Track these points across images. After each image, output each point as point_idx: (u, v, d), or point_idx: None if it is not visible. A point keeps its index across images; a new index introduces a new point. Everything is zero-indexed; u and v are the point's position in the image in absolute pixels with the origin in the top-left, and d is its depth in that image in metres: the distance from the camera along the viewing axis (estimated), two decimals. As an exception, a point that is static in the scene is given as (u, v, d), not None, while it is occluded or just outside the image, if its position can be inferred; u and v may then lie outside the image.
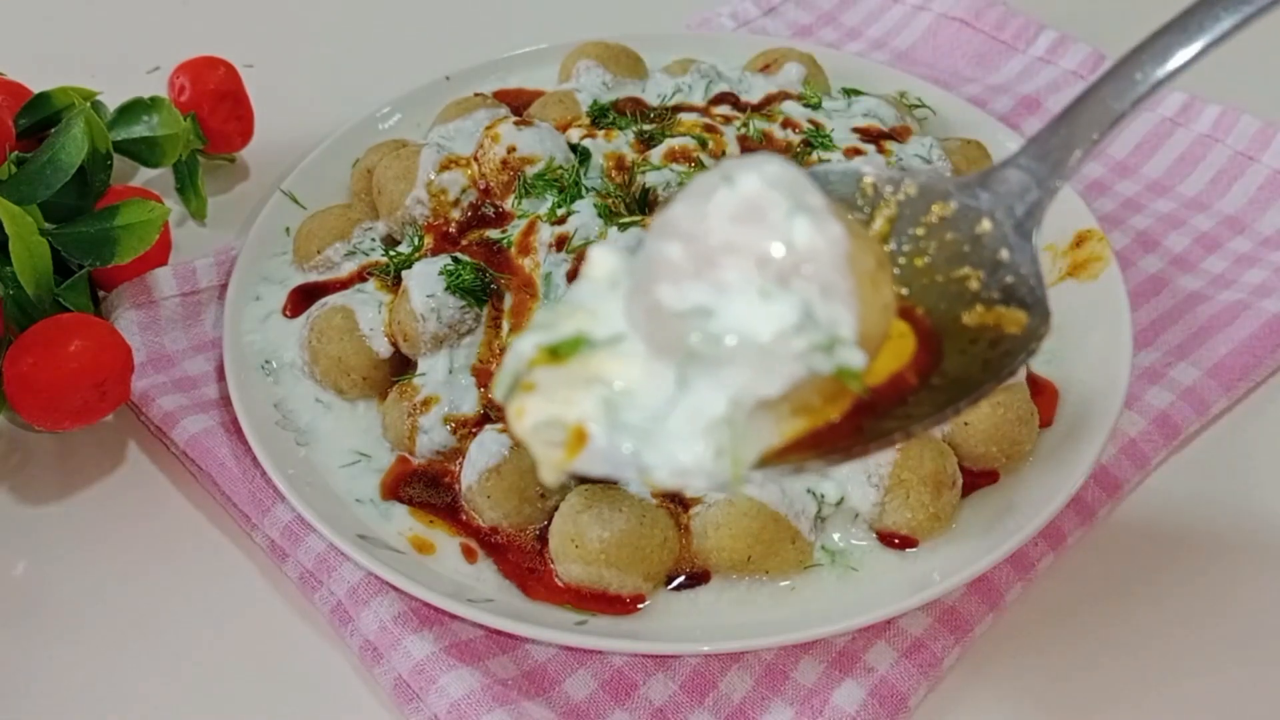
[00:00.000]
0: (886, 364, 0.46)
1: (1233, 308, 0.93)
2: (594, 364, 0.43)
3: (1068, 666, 0.76)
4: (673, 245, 0.42)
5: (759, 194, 0.42)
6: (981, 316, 0.48)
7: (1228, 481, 0.86)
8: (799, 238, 0.41)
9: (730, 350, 0.41)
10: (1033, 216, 0.51)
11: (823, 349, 0.41)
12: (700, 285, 0.42)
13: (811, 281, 0.41)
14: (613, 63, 1.07)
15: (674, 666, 0.75)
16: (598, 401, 0.43)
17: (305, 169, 1.03)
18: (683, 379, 0.42)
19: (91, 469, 0.89)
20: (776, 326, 0.41)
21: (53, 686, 0.76)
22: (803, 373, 0.41)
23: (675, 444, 0.42)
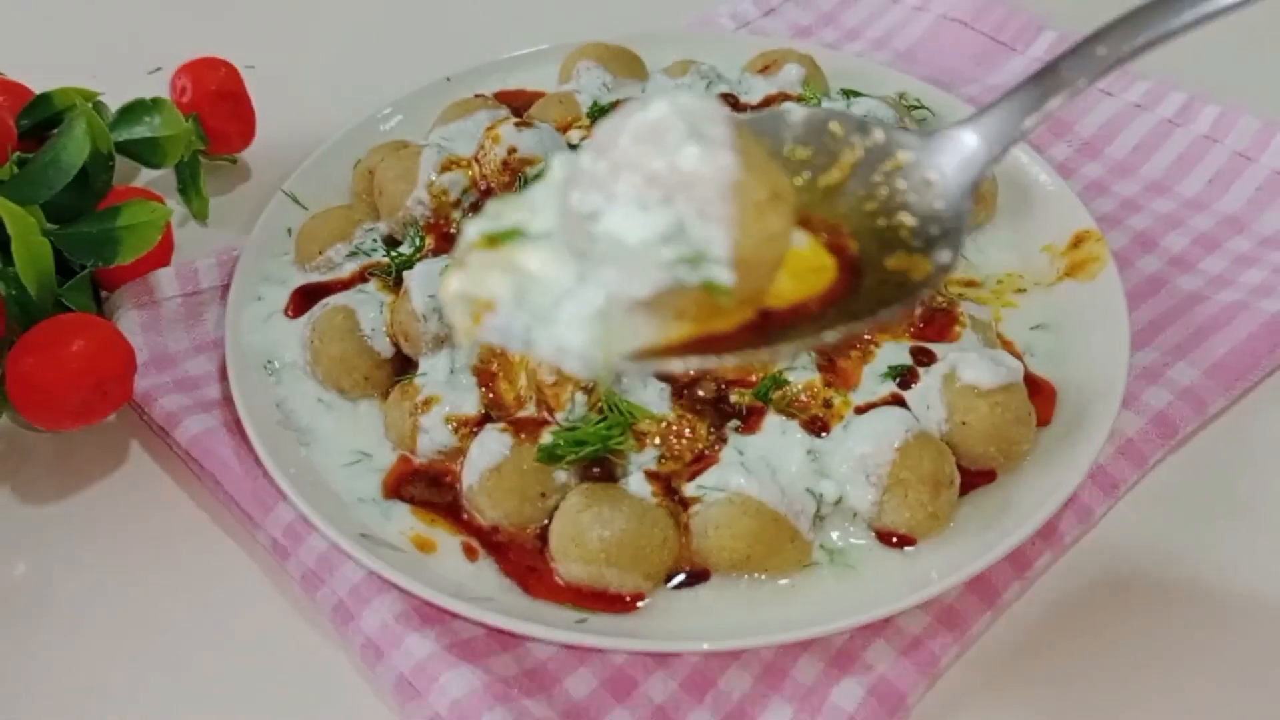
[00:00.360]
0: (799, 290, 0.51)
1: (1231, 308, 0.93)
2: (518, 253, 0.50)
3: (1066, 665, 0.76)
4: (588, 156, 0.49)
5: (662, 119, 0.48)
6: (900, 261, 0.53)
7: (1226, 481, 0.86)
8: (684, 161, 0.47)
9: (607, 251, 0.47)
10: (974, 176, 0.54)
11: (689, 261, 0.47)
12: (597, 192, 0.48)
13: (691, 202, 0.47)
14: (613, 63, 1.08)
15: (674, 665, 0.75)
16: (510, 283, 0.50)
17: (307, 170, 1.03)
18: (581, 275, 0.49)
19: (93, 469, 0.89)
20: (645, 234, 0.47)
21: (54, 686, 0.77)
22: (669, 281, 0.47)
23: (562, 328, 0.49)
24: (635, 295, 0.48)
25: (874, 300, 0.51)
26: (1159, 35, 0.54)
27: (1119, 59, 0.55)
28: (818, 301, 0.51)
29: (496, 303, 0.50)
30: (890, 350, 0.84)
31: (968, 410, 0.79)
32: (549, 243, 0.50)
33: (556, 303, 0.49)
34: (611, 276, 0.48)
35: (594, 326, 0.48)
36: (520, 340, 0.50)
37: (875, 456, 0.77)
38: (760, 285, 0.50)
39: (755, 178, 0.48)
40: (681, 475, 0.78)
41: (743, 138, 0.49)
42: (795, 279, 0.51)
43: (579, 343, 0.48)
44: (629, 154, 0.48)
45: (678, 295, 0.48)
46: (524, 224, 0.51)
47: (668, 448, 0.80)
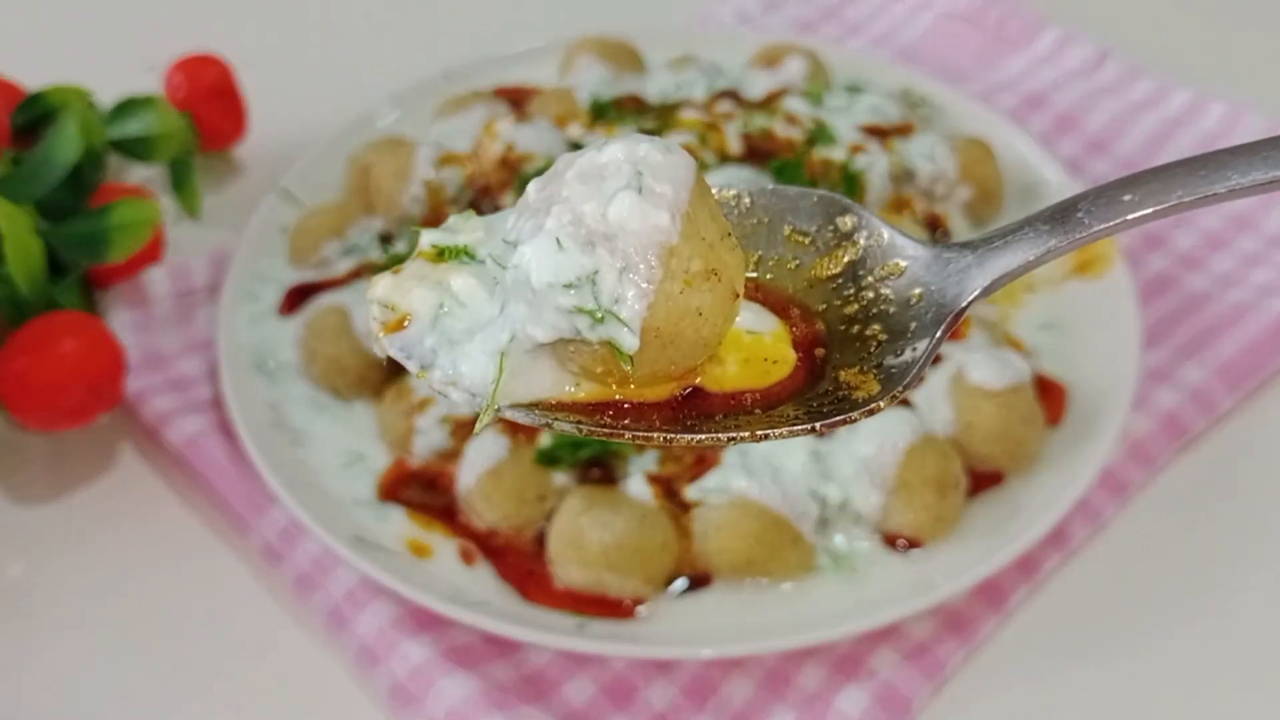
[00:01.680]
0: (740, 377, 0.48)
1: (1240, 307, 0.92)
2: (451, 273, 0.48)
3: (1074, 671, 0.75)
4: (536, 183, 0.47)
5: (610, 162, 0.45)
6: (852, 376, 0.49)
7: (1235, 482, 0.85)
8: (614, 211, 0.44)
9: (515, 284, 0.45)
10: (952, 309, 0.50)
11: (591, 316, 0.44)
12: (528, 222, 0.45)
13: (615, 255, 0.44)
14: (612, 59, 1.07)
15: (674, 671, 0.74)
16: (432, 301, 0.48)
17: (302, 167, 1.02)
18: (503, 308, 0.47)
19: (86, 470, 0.88)
20: (550, 277, 0.44)
21: (47, 688, 0.76)
22: (568, 330, 0.45)
23: (464, 360, 0.47)
24: (535, 337, 0.45)
25: (811, 410, 0.48)
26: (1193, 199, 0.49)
27: (1142, 216, 0.49)
28: (758, 395, 0.48)
29: (413, 317, 0.48)
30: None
31: (974, 411, 0.78)
32: (485, 271, 0.48)
33: (470, 332, 0.47)
34: (519, 313, 0.45)
35: (492, 364, 0.46)
36: (418, 362, 0.48)
37: (880, 458, 0.76)
38: (683, 362, 0.46)
39: (694, 248, 0.44)
40: (682, 477, 0.77)
41: (702, 203, 0.45)
42: (745, 366, 0.48)
43: (473, 377, 0.47)
44: (568, 189, 0.45)
45: (581, 351, 0.45)
46: (476, 245, 0.48)
47: (668, 449, 0.78)
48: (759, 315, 0.50)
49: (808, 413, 0.47)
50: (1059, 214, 0.51)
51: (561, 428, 0.46)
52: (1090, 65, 1.17)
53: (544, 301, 0.44)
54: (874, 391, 0.48)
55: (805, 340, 0.50)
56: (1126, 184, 0.51)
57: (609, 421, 0.47)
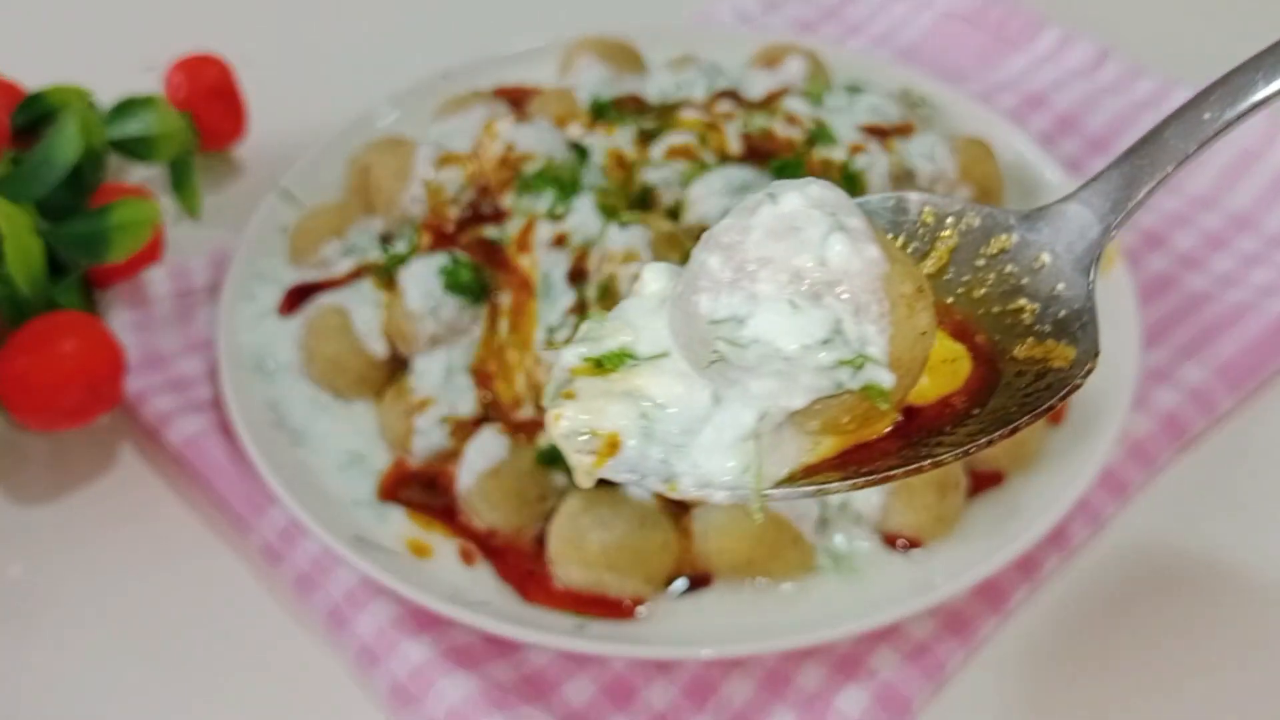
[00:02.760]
0: (938, 387, 0.47)
1: (1240, 307, 0.92)
2: (634, 378, 0.45)
3: (1074, 670, 0.75)
4: (714, 256, 0.44)
5: (798, 211, 0.43)
6: (1031, 349, 0.48)
7: (1235, 482, 0.85)
8: (833, 256, 0.43)
9: (758, 359, 0.43)
10: (1091, 252, 0.50)
11: (850, 365, 0.42)
12: (735, 296, 0.43)
13: (844, 300, 0.43)
14: (612, 59, 1.06)
15: (674, 671, 0.74)
16: (633, 413, 0.45)
17: (301, 167, 1.02)
18: (718, 396, 0.44)
19: (85, 471, 0.88)
20: (803, 339, 0.42)
21: (46, 689, 0.76)
22: (829, 388, 0.43)
23: (703, 456, 0.44)
24: (790, 405, 0.43)
25: (1018, 392, 0.47)
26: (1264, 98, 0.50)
27: (1225, 123, 0.51)
28: (963, 396, 0.47)
29: (622, 437, 0.45)
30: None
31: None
32: (667, 364, 0.45)
33: (687, 429, 0.45)
34: (762, 388, 0.43)
35: (743, 450, 0.44)
36: (659, 477, 0.45)
37: (880, 458, 0.76)
38: (907, 387, 0.45)
39: (900, 270, 0.44)
40: (682, 477, 0.77)
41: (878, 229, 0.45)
42: (933, 373, 0.47)
43: (727, 471, 0.44)
44: (765, 250, 0.43)
45: (829, 406, 0.44)
46: (629, 345, 0.46)
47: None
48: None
49: (1025, 397, 0.46)
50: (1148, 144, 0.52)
51: (837, 489, 0.44)
52: (1091, 65, 1.17)
53: (800, 367, 0.43)
54: (1071, 354, 0.47)
55: (957, 335, 0.49)
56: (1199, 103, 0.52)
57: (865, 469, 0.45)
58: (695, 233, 0.84)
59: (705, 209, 0.85)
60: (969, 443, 0.45)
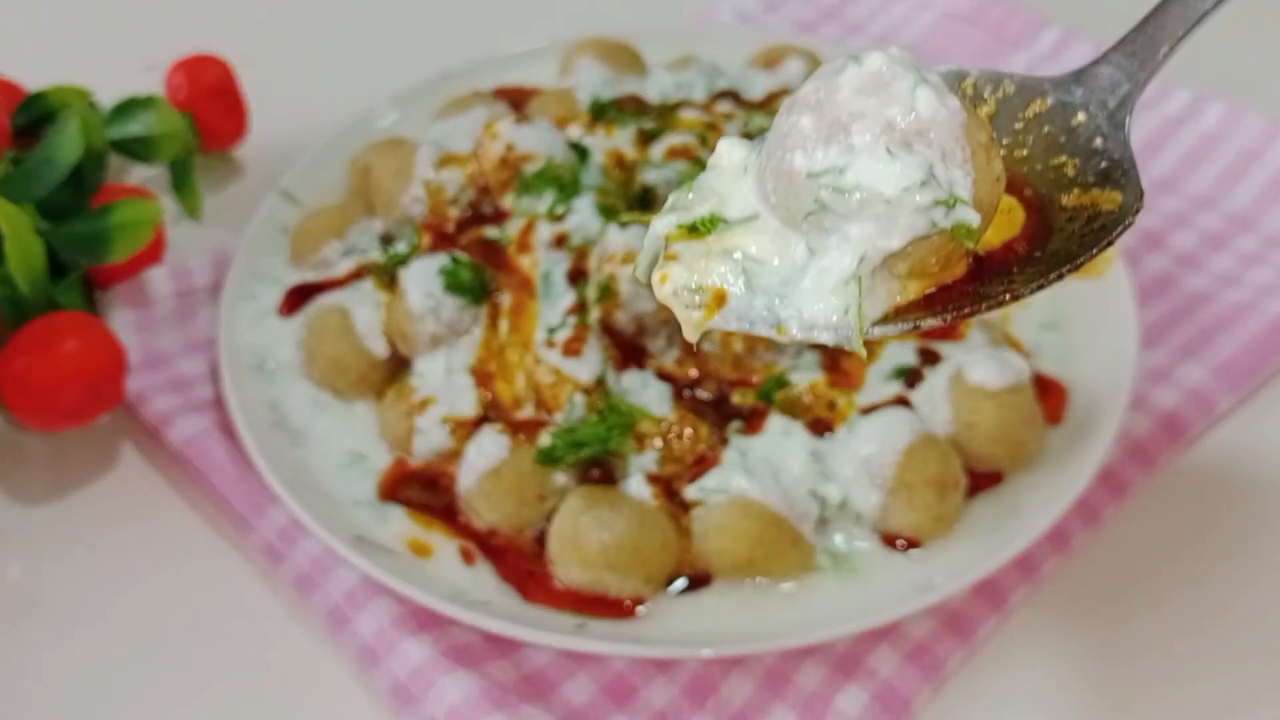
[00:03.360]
0: (999, 234, 0.50)
1: (1239, 307, 0.92)
2: (730, 239, 0.49)
3: (1073, 670, 0.75)
4: (805, 117, 0.48)
5: (885, 69, 0.47)
6: (1079, 198, 0.51)
7: (1234, 482, 0.85)
8: (922, 107, 0.46)
9: (859, 205, 0.46)
10: (1124, 107, 0.54)
11: (944, 205, 0.46)
12: (832, 149, 0.47)
13: (933, 146, 0.46)
14: (612, 59, 1.07)
15: (674, 671, 0.74)
16: (735, 267, 0.48)
17: (302, 167, 1.02)
18: (811, 247, 0.48)
19: (86, 470, 0.88)
20: (902, 182, 0.46)
21: (48, 688, 0.76)
22: (923, 227, 0.46)
23: (806, 302, 0.48)
24: (889, 247, 0.47)
25: (1074, 235, 0.50)
26: None
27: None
28: (1023, 241, 0.51)
29: (728, 291, 0.49)
30: (895, 350, 0.83)
31: (974, 411, 0.78)
32: (758, 224, 0.49)
33: (786, 280, 0.48)
34: (862, 231, 0.47)
35: (844, 292, 0.47)
36: (766, 324, 0.48)
37: (880, 458, 0.76)
38: (985, 228, 0.49)
39: (975, 120, 0.48)
40: (682, 477, 0.78)
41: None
42: (995, 228, 0.50)
43: (830, 314, 0.48)
44: (856, 105, 0.47)
45: (919, 248, 0.47)
46: (719, 210, 0.50)
47: (668, 449, 0.79)
48: None
49: (1082, 239, 0.49)
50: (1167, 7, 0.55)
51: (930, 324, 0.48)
52: (1090, 65, 1.17)
53: (899, 208, 0.46)
54: (1119, 199, 0.50)
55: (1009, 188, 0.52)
56: None
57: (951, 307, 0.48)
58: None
59: (705, 209, 0.85)
60: (1038, 280, 0.48)
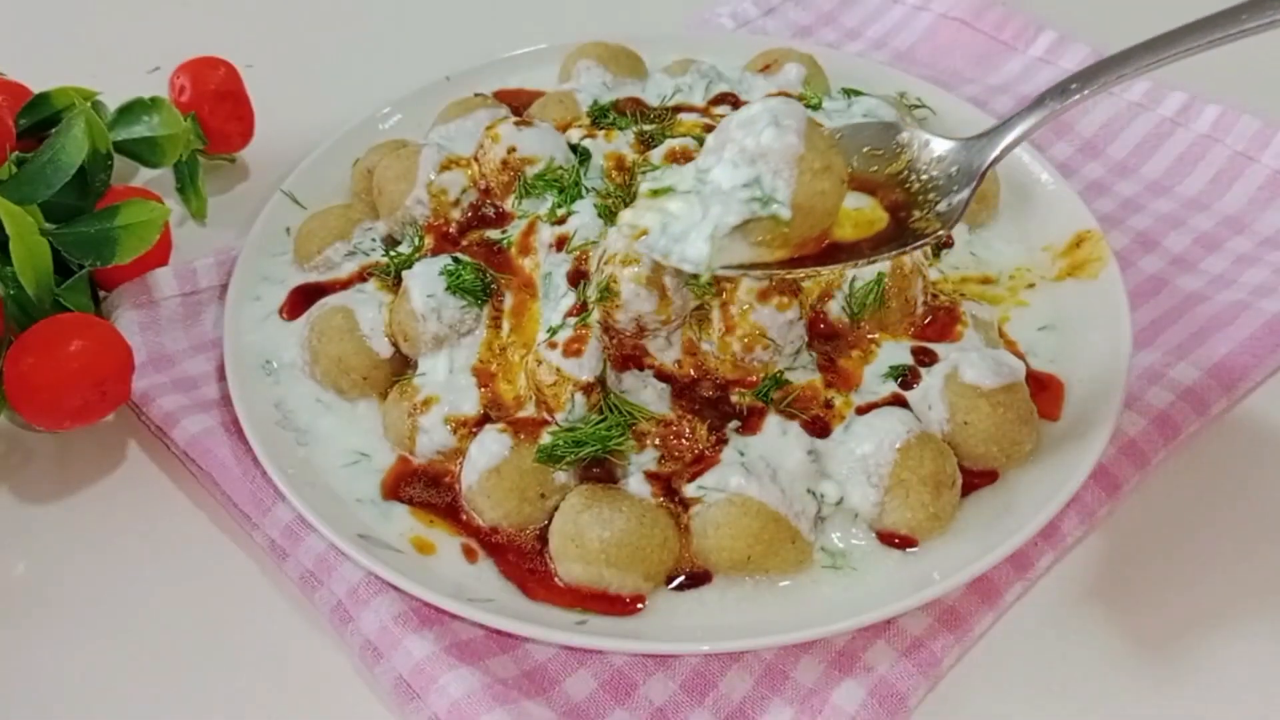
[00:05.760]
0: (857, 231, 0.76)
1: (1233, 308, 0.93)
2: (666, 202, 0.76)
3: (1067, 665, 0.76)
4: (711, 137, 0.77)
5: (756, 113, 0.74)
6: (922, 223, 0.76)
7: (1227, 481, 0.86)
8: (764, 140, 0.73)
9: (711, 191, 0.74)
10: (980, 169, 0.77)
11: (760, 201, 0.72)
12: (710, 157, 0.75)
13: (766, 165, 0.73)
14: (613, 63, 1.07)
15: (674, 666, 0.75)
16: (658, 219, 0.76)
17: (306, 169, 1.03)
18: (704, 213, 0.74)
19: (92, 469, 0.89)
20: (736, 181, 0.73)
21: (53, 685, 0.77)
22: (748, 212, 0.72)
23: (689, 247, 0.74)
24: (729, 222, 0.73)
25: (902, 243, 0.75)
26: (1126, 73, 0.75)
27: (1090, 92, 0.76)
28: (869, 241, 0.76)
29: (649, 230, 0.76)
30: (891, 350, 0.84)
31: (970, 410, 0.79)
32: (688, 196, 0.75)
33: (685, 233, 0.74)
34: (716, 211, 0.73)
35: (707, 244, 0.73)
36: (659, 252, 0.75)
37: (876, 457, 0.77)
38: (817, 225, 0.74)
39: (813, 154, 0.73)
40: (681, 476, 0.78)
41: (814, 132, 0.74)
42: (856, 228, 0.76)
43: (696, 254, 0.73)
44: (734, 134, 0.74)
45: (760, 226, 0.73)
46: (676, 184, 0.77)
47: (668, 448, 0.79)
48: (858, 198, 0.78)
49: (900, 245, 0.75)
50: (1054, 91, 0.77)
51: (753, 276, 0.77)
52: (1086, 68, 1.17)
53: (732, 199, 0.73)
54: (937, 226, 0.75)
55: (890, 209, 0.78)
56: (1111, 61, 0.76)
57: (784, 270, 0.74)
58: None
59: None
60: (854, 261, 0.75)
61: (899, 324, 0.85)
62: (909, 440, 0.77)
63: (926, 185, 0.78)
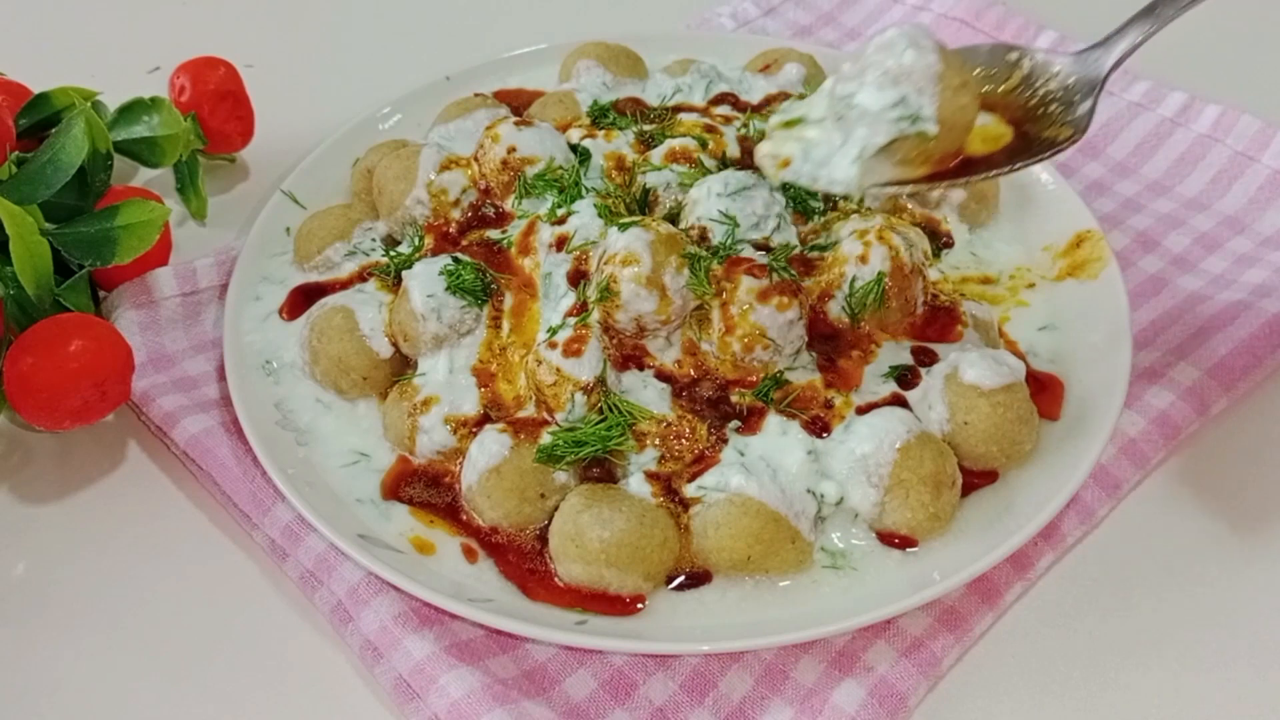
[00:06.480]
0: (985, 146, 0.81)
1: (1233, 308, 0.93)
2: (802, 131, 0.81)
3: (1067, 665, 0.76)
4: (847, 64, 0.80)
5: (894, 37, 0.78)
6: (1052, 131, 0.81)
7: (1227, 481, 0.86)
8: (905, 60, 0.77)
9: (860, 116, 0.78)
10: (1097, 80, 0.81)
11: (908, 119, 0.77)
12: (852, 83, 0.79)
13: (910, 84, 0.77)
14: (613, 63, 1.07)
15: (674, 666, 0.75)
16: (799, 147, 0.81)
17: (306, 169, 1.03)
18: (844, 138, 0.79)
19: (92, 469, 0.89)
20: (881, 102, 0.77)
21: (53, 686, 0.77)
22: (896, 131, 0.77)
23: (835, 170, 0.78)
24: (876, 142, 0.77)
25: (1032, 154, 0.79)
26: None
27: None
28: (1001, 153, 0.81)
29: (791, 158, 0.81)
30: (891, 350, 0.84)
31: (970, 410, 0.79)
32: (822, 124, 0.80)
33: (828, 158, 0.79)
34: (862, 133, 0.78)
35: (855, 166, 0.77)
36: (807, 177, 0.80)
37: (876, 457, 0.77)
38: (957, 140, 0.79)
39: (951, 72, 0.77)
40: (681, 476, 0.78)
41: (946, 52, 0.79)
42: (984, 143, 0.81)
43: (844, 175, 0.78)
44: (872, 57, 0.78)
45: (905, 144, 0.77)
46: (805, 114, 0.82)
47: (668, 448, 0.79)
48: (982, 115, 0.82)
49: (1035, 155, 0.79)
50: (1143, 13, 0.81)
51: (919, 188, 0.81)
52: (1086, 68, 1.17)
53: (880, 119, 0.77)
54: (1069, 134, 0.79)
55: (1014, 122, 0.83)
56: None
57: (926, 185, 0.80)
58: (696, 234, 0.85)
59: (704, 211, 0.86)
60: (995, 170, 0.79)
61: (899, 324, 0.85)
62: (909, 440, 0.77)
63: (1046, 99, 0.82)
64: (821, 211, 0.91)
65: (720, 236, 0.85)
